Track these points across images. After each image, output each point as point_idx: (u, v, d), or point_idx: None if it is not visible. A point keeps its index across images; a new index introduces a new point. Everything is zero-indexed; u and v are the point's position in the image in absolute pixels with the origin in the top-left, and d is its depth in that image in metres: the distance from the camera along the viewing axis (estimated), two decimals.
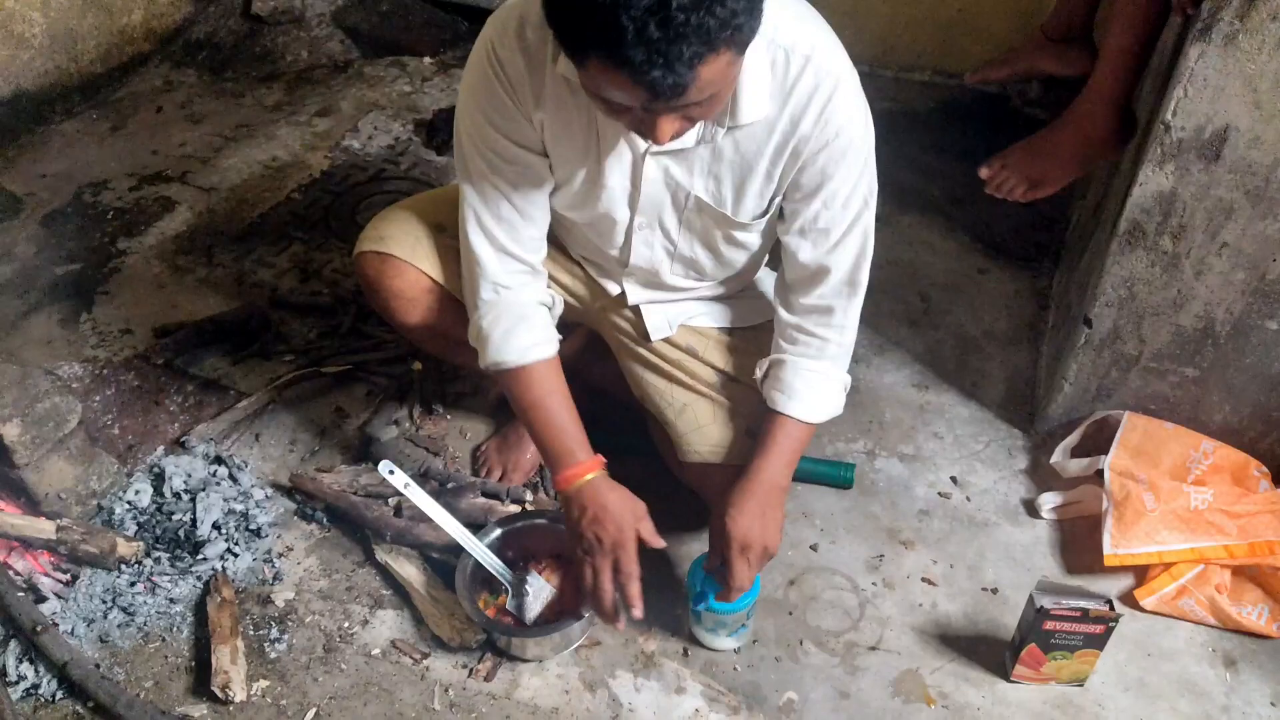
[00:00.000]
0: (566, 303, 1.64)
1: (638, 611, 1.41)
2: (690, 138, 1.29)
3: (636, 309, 1.59)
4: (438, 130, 2.70)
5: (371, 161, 2.63)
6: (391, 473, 1.50)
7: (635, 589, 1.41)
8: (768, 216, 1.41)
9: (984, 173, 1.78)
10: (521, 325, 1.44)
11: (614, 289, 1.58)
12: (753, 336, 1.63)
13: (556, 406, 1.45)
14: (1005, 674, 1.50)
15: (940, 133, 2.63)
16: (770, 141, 1.31)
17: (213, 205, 2.47)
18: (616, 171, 1.36)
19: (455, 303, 1.54)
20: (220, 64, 3.07)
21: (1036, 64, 2.01)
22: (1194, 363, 1.65)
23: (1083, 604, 1.40)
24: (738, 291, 1.64)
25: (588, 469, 1.43)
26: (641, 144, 1.32)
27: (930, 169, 2.53)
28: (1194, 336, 1.62)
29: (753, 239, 1.46)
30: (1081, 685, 1.49)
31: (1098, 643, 1.43)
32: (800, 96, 1.27)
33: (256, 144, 2.71)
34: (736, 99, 1.23)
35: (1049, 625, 1.40)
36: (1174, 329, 1.62)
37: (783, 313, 1.48)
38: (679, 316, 1.59)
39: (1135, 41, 1.62)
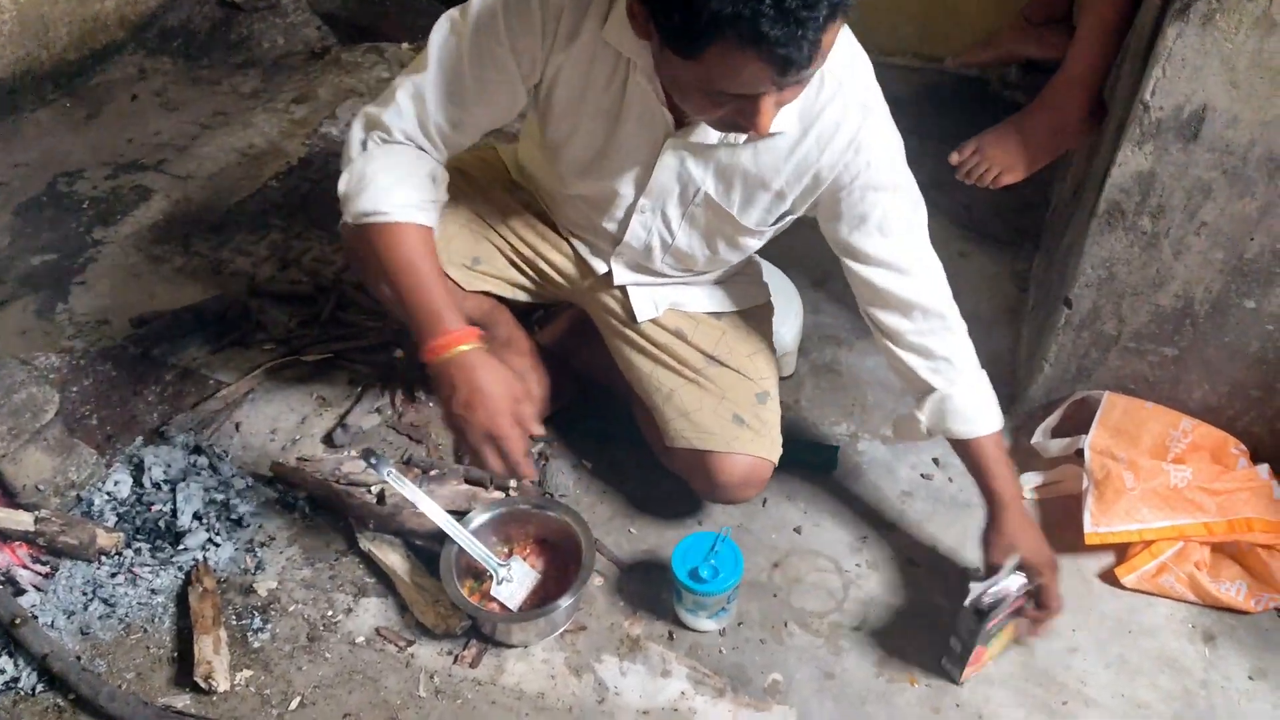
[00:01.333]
0: (555, 281, 1.63)
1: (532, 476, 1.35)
2: (712, 134, 1.28)
3: (624, 289, 1.58)
4: None
5: None
6: (374, 460, 1.49)
7: (526, 469, 1.32)
8: (774, 228, 1.42)
9: (954, 158, 1.78)
10: (410, 181, 1.31)
11: (601, 268, 1.57)
12: (742, 320, 1.63)
13: (430, 270, 1.30)
14: (954, 679, 1.48)
15: (919, 117, 2.59)
16: (789, 161, 1.31)
17: (189, 194, 2.45)
18: (632, 151, 1.34)
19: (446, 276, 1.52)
20: (195, 51, 3.03)
21: (1018, 48, 2.02)
22: (1173, 342, 1.66)
23: (1011, 590, 1.40)
24: (728, 277, 1.64)
25: (461, 338, 1.28)
26: (662, 129, 1.30)
27: (910, 153, 2.50)
28: (1173, 316, 1.63)
29: (753, 244, 1.46)
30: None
31: (1020, 611, 1.45)
32: (828, 122, 1.27)
33: (233, 132, 2.68)
34: None
35: (990, 624, 1.40)
36: (1153, 308, 1.63)
37: (901, 353, 1.46)
38: (666, 300, 1.59)
39: (1108, 27, 1.62)
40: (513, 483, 1.72)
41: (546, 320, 1.98)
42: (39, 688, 1.45)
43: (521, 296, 1.67)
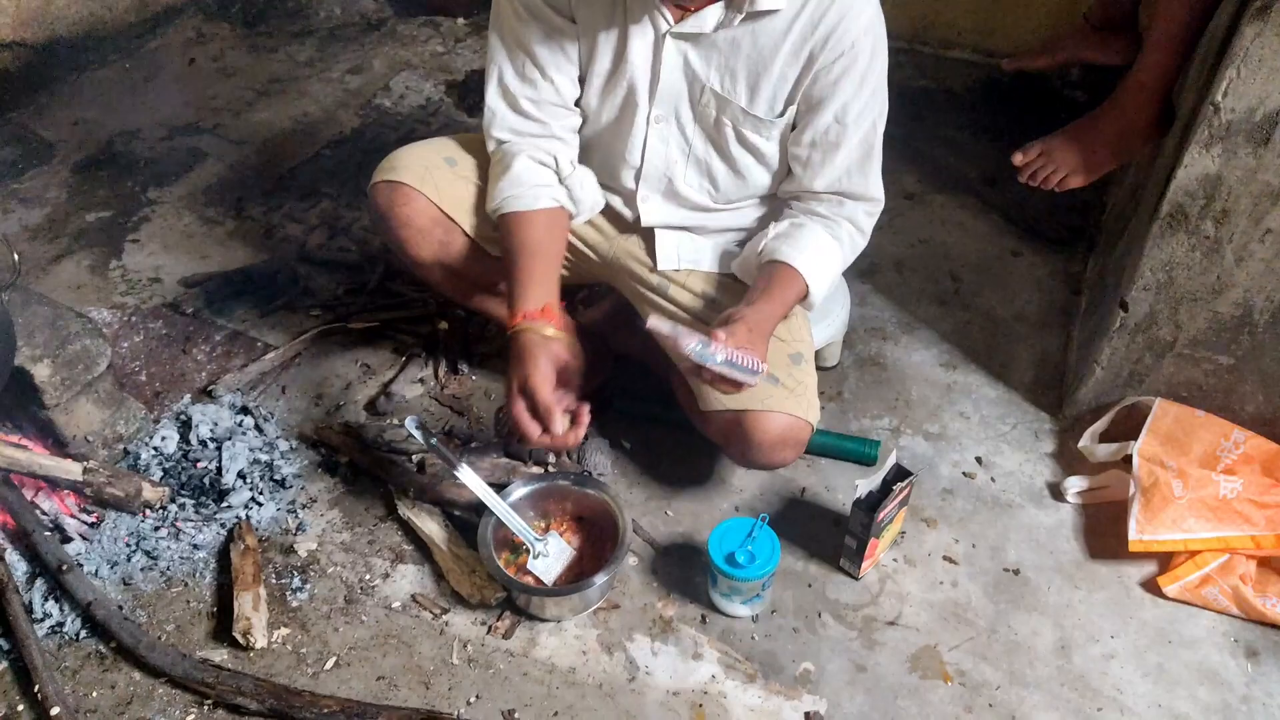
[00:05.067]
0: (583, 254, 1.66)
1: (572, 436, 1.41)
2: (709, 22, 1.35)
3: (651, 239, 1.59)
4: (470, 91, 2.69)
5: (403, 121, 2.62)
6: (418, 427, 1.50)
7: (558, 433, 1.40)
8: (782, 119, 1.43)
9: (1018, 159, 1.74)
10: (522, 175, 1.46)
11: (629, 214, 1.59)
12: None
13: (527, 251, 1.44)
14: (854, 575, 1.59)
15: (977, 112, 2.59)
16: (787, 39, 1.36)
17: (243, 158, 2.47)
18: (639, 51, 1.40)
19: (466, 238, 1.55)
20: (253, 18, 3.06)
21: (1079, 52, 1.98)
22: (1229, 351, 1.63)
23: (891, 483, 1.52)
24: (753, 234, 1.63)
25: (534, 317, 1.41)
26: (663, 23, 1.37)
27: (965, 148, 2.50)
28: (1231, 324, 1.60)
29: (765, 145, 1.47)
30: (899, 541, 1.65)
31: (905, 502, 1.58)
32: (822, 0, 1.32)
33: (288, 99, 2.70)
34: None
35: (880, 516, 1.49)
36: (1211, 315, 1.60)
37: (798, 200, 1.52)
38: (691, 252, 1.60)
39: (1181, 32, 1.58)
40: (551, 458, 1.73)
41: (590, 301, 1.98)
42: (82, 634, 1.48)
43: None
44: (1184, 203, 1.51)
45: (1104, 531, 1.66)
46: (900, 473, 1.53)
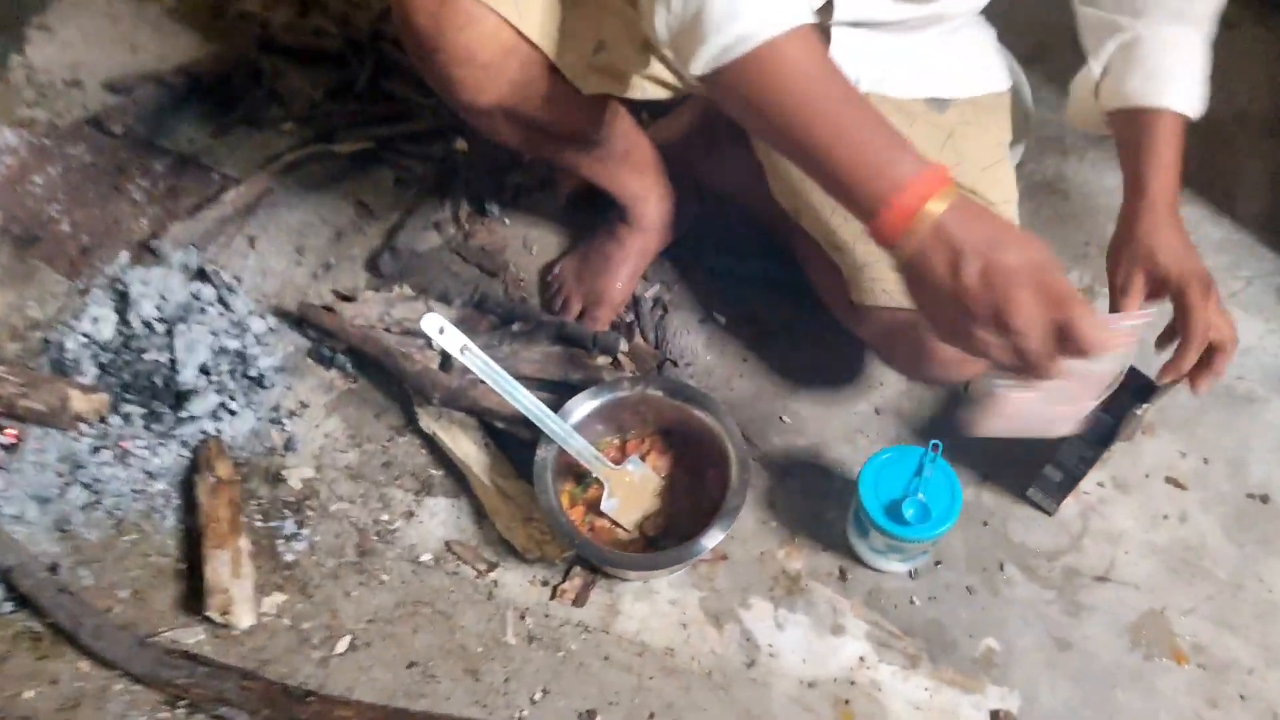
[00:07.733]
0: None
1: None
2: None
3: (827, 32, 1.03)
4: None
5: None
6: (441, 331, 1.04)
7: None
8: None
9: None
10: None
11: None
12: (974, 114, 1.12)
13: (841, 95, 0.81)
14: (1049, 511, 1.18)
15: None
16: None
17: None
18: None
19: (553, 74, 1.00)
20: None
21: None
22: None
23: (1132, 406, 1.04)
24: (959, 26, 1.10)
25: (934, 182, 0.78)
26: None
27: None
28: None
29: None
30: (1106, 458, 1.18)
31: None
32: None
33: None
34: None
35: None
36: None
37: None
38: (874, 66, 1.06)
39: None
40: (623, 344, 1.27)
41: (659, 115, 1.44)
42: (7, 605, 1.10)
43: (656, 93, 1.11)
44: None
45: None
46: (1143, 390, 1.05)
